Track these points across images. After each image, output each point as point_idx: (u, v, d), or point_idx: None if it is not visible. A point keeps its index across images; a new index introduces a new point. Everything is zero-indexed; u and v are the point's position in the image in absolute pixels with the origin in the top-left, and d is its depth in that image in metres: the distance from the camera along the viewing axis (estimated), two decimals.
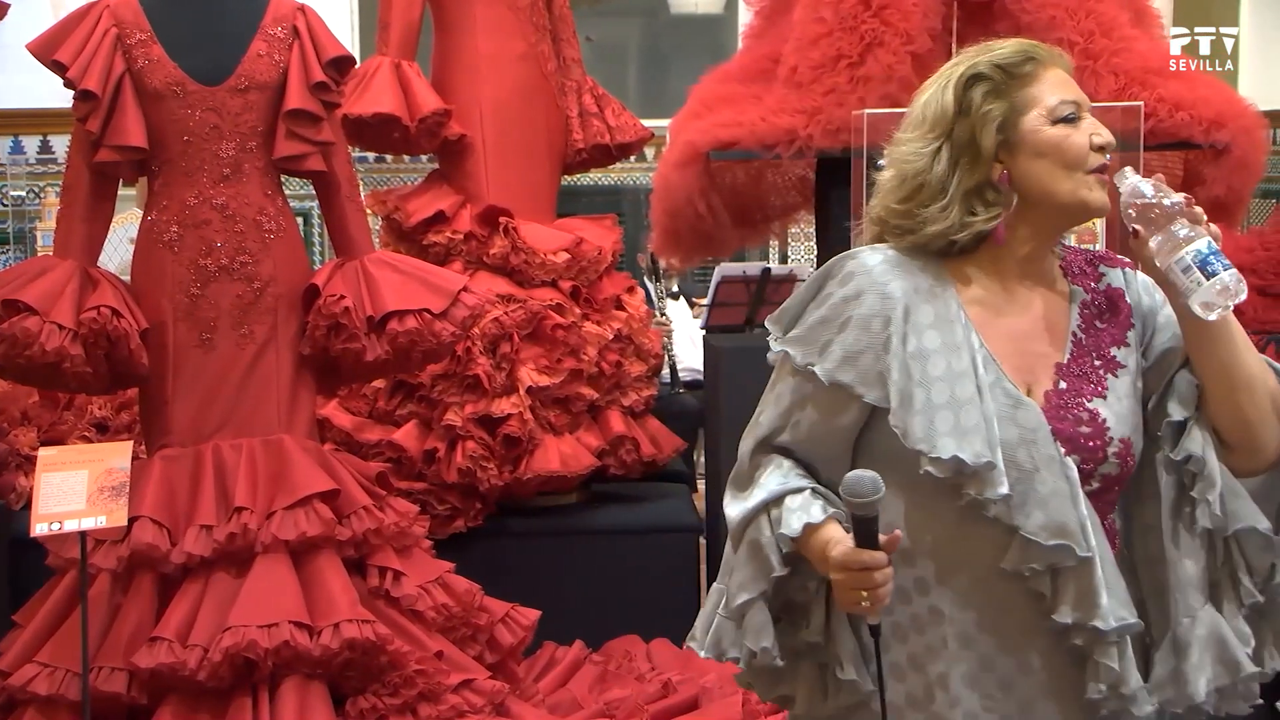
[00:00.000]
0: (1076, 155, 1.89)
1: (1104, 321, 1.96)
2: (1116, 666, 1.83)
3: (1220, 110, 4.01)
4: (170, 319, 3.56)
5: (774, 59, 4.37)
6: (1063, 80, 1.93)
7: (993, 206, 1.89)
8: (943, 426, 1.83)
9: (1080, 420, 1.87)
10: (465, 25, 4.66)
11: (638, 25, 9.61)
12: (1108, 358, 1.93)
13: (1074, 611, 1.83)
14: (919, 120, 1.92)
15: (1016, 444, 1.84)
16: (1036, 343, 1.92)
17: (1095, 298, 1.97)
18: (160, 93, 3.51)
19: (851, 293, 1.90)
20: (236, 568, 3.40)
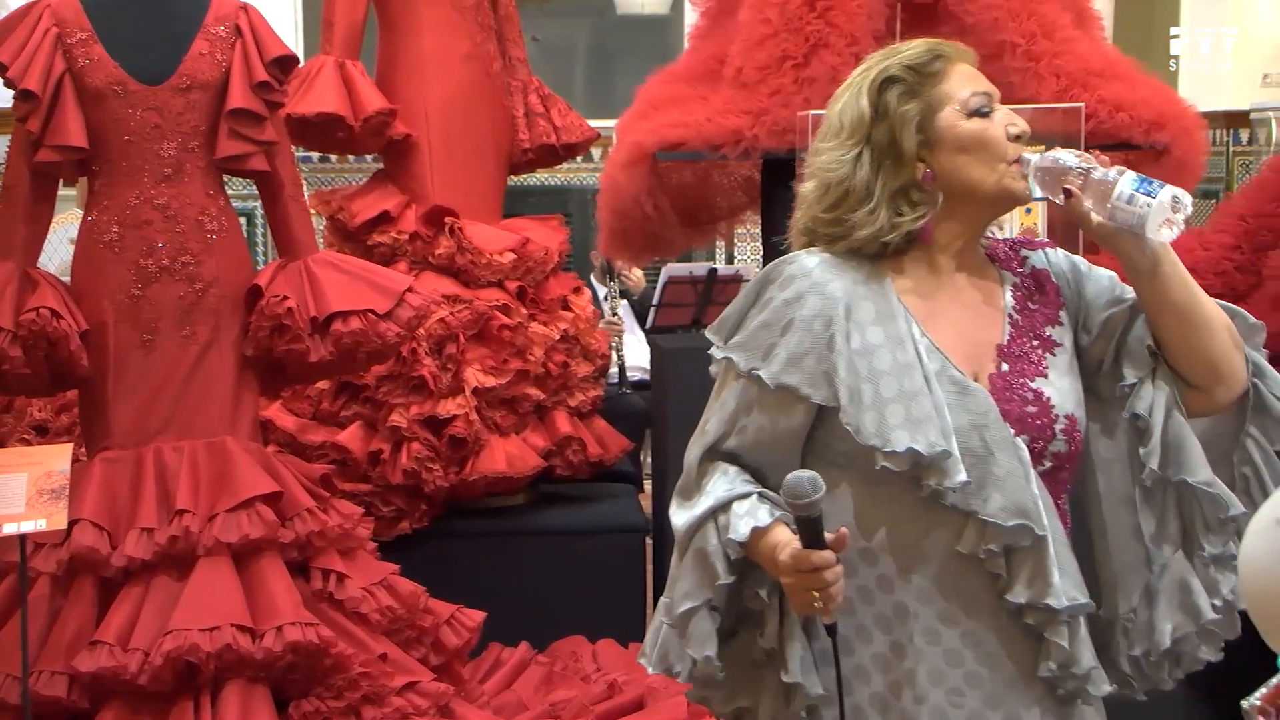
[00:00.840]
0: (996, 146, 1.92)
1: (1035, 302, 1.99)
2: (1067, 645, 1.85)
3: (1160, 111, 4.05)
4: (111, 320, 3.53)
5: (720, 60, 4.38)
6: (971, 74, 1.96)
7: (919, 206, 1.92)
8: (894, 420, 1.84)
9: (1026, 400, 1.90)
10: (410, 25, 4.65)
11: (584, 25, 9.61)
12: (1044, 337, 1.96)
13: (1027, 590, 1.84)
14: (836, 128, 1.95)
15: (969, 430, 1.86)
16: (977, 329, 1.95)
17: (1024, 280, 2.00)
18: (101, 92, 3.48)
19: (792, 295, 1.91)
20: (178, 571, 3.37)
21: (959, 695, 1.89)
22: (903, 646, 1.90)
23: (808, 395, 1.88)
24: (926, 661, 1.89)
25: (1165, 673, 2.02)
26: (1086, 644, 1.88)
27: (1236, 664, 3.86)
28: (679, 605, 1.96)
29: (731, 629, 2.00)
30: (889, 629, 1.91)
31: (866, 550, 1.90)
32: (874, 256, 1.94)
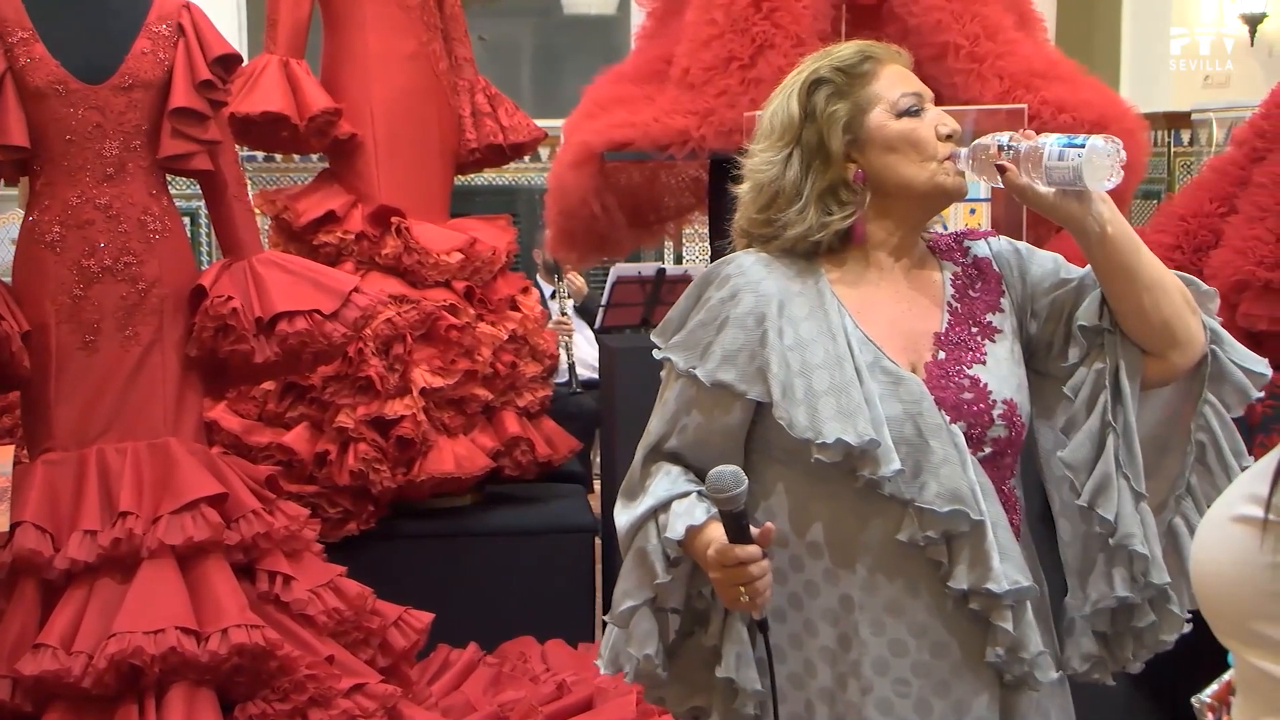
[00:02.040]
0: (925, 145, 1.94)
1: (976, 290, 2.01)
2: (1011, 629, 1.87)
3: (1102, 112, 4.09)
4: (53, 321, 3.50)
5: (666, 60, 4.39)
6: (902, 75, 1.99)
7: (846, 205, 1.95)
8: (826, 412, 1.86)
9: (962, 387, 1.92)
10: (355, 23, 4.63)
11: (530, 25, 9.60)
12: (984, 324, 1.98)
13: (969, 576, 1.86)
14: (768, 131, 1.99)
15: (903, 419, 1.88)
16: (914, 320, 1.97)
17: (965, 269, 2.03)
18: (42, 91, 3.45)
19: (727, 294, 1.95)
20: (122, 573, 3.35)
21: (905, 685, 1.91)
22: (849, 639, 1.92)
23: (743, 392, 1.91)
24: (872, 652, 1.91)
25: (1129, 651, 2.03)
26: (1033, 628, 1.90)
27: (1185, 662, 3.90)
28: (620, 604, 1.99)
29: (689, 629, 2.02)
30: (835, 622, 1.94)
31: (812, 544, 1.93)
32: (809, 254, 1.98)
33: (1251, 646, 1.22)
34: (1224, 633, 1.27)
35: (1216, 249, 3.80)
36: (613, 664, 2.06)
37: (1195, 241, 3.90)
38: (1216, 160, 4.15)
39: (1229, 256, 3.71)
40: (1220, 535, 1.25)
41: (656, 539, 1.95)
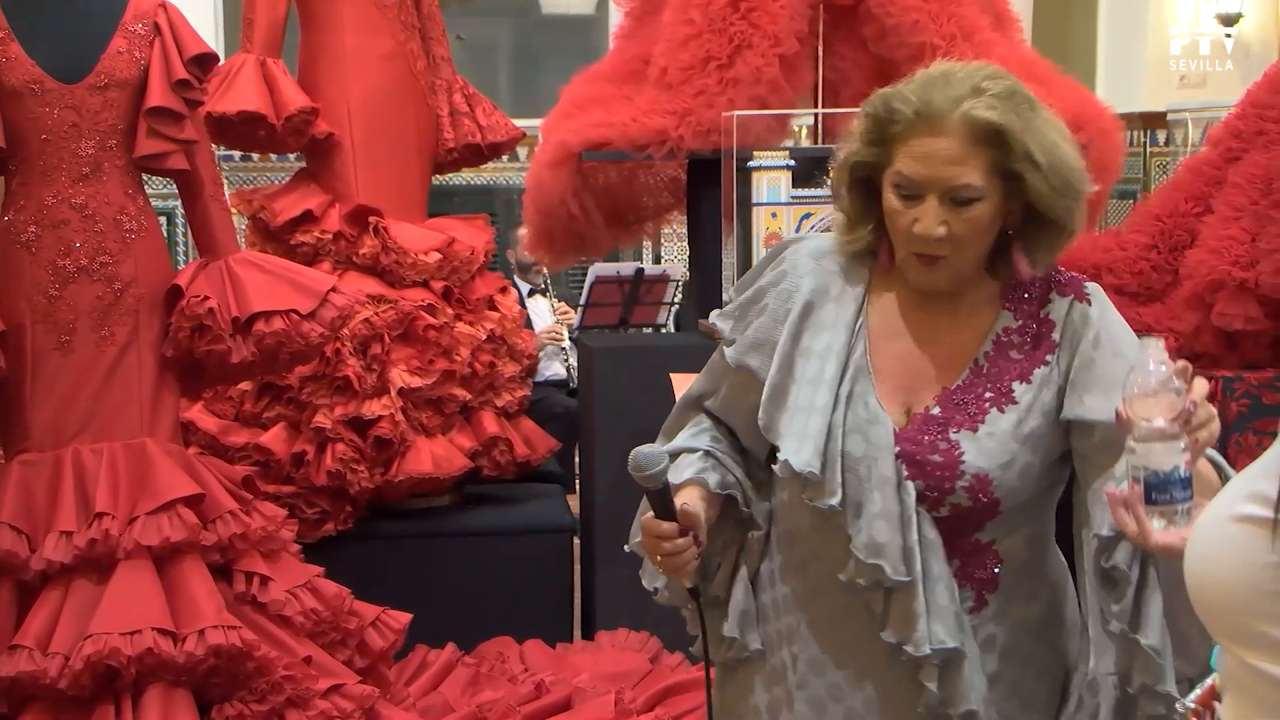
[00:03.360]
0: (901, 233, 1.88)
1: (1021, 352, 1.91)
2: (935, 689, 1.86)
3: (1078, 112, 4.11)
4: (28, 321, 3.48)
5: (644, 60, 4.40)
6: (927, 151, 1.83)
7: (857, 229, 1.94)
8: (794, 428, 1.88)
9: (935, 449, 1.87)
10: (332, 23, 4.61)
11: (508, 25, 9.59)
12: (1002, 390, 1.89)
13: (896, 633, 1.86)
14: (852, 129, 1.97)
15: (860, 459, 1.87)
16: (929, 366, 1.91)
17: (1026, 325, 1.92)
18: (18, 91, 3.43)
19: (774, 280, 1.98)
20: (98, 574, 3.33)
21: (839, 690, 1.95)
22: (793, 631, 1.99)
23: (763, 379, 1.95)
24: (808, 652, 1.97)
25: None
26: (966, 685, 1.86)
27: None
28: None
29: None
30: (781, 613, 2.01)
31: (791, 533, 1.98)
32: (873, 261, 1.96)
33: (1249, 647, 1.22)
34: (1220, 632, 1.27)
35: (1192, 248, 3.82)
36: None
37: (1171, 241, 3.92)
38: (1192, 160, 4.17)
39: (1204, 256, 3.72)
40: (1219, 534, 1.25)
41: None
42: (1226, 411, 3.66)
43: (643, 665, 4.15)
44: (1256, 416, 3.67)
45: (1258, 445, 3.66)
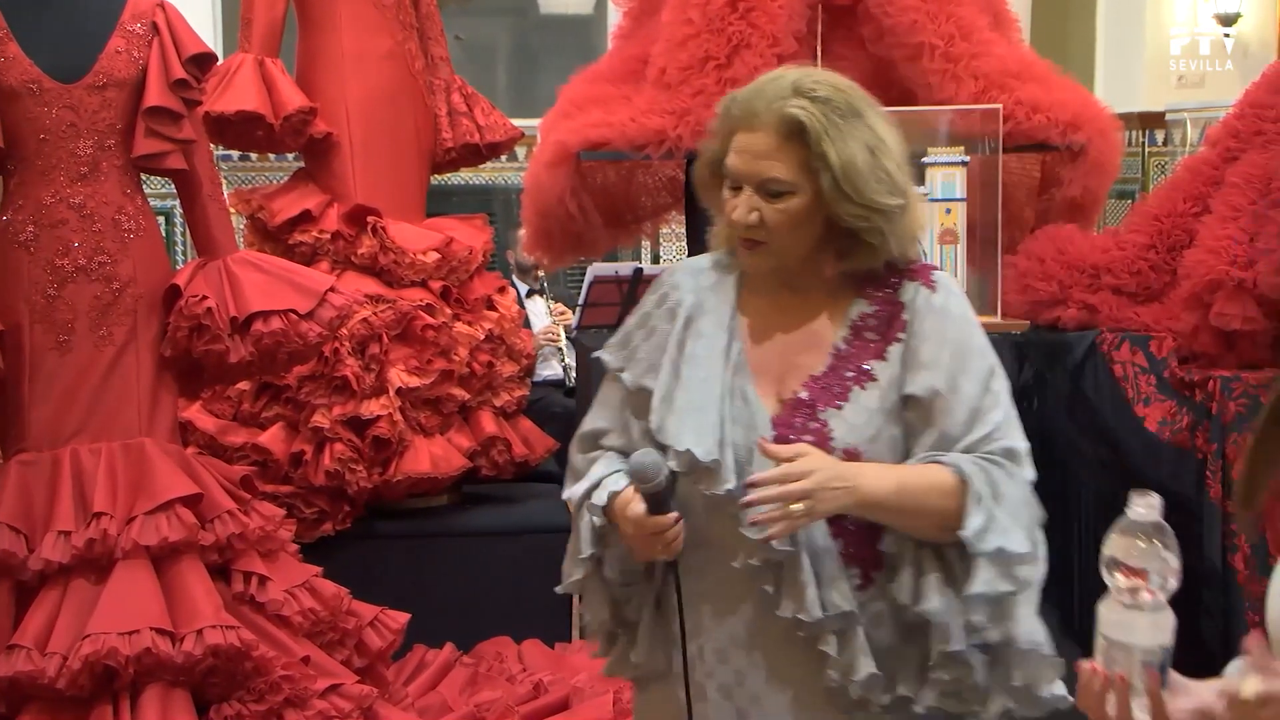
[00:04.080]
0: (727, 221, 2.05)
1: (876, 334, 2.05)
2: (835, 653, 1.97)
3: (1076, 112, 4.11)
4: (27, 321, 3.48)
5: (643, 60, 4.40)
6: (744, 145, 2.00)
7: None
8: (689, 425, 1.99)
9: (806, 429, 1.99)
10: (330, 22, 4.61)
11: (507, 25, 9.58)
12: (861, 370, 2.02)
13: (789, 604, 1.97)
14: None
15: (744, 445, 2.00)
16: (799, 354, 2.06)
17: (880, 309, 2.06)
18: (16, 91, 3.43)
19: (657, 302, 2.11)
20: (96, 574, 3.33)
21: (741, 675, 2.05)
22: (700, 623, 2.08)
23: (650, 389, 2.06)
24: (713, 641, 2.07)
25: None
26: (863, 651, 1.97)
27: None
28: (569, 575, 2.17)
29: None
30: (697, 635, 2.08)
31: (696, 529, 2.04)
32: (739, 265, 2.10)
33: None
34: None
35: (1190, 248, 3.82)
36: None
37: (1169, 241, 3.92)
38: (1190, 160, 4.17)
39: (1202, 256, 3.72)
40: None
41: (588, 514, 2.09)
42: (1225, 411, 3.66)
43: None
44: (1254, 416, 3.67)
45: None
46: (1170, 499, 3.85)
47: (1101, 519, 3.89)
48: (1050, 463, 3.90)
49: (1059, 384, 3.84)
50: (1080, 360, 3.84)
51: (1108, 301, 3.91)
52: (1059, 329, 3.96)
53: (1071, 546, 3.91)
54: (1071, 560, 3.92)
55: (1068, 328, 3.94)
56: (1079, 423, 3.84)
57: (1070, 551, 3.92)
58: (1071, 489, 3.90)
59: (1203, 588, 3.70)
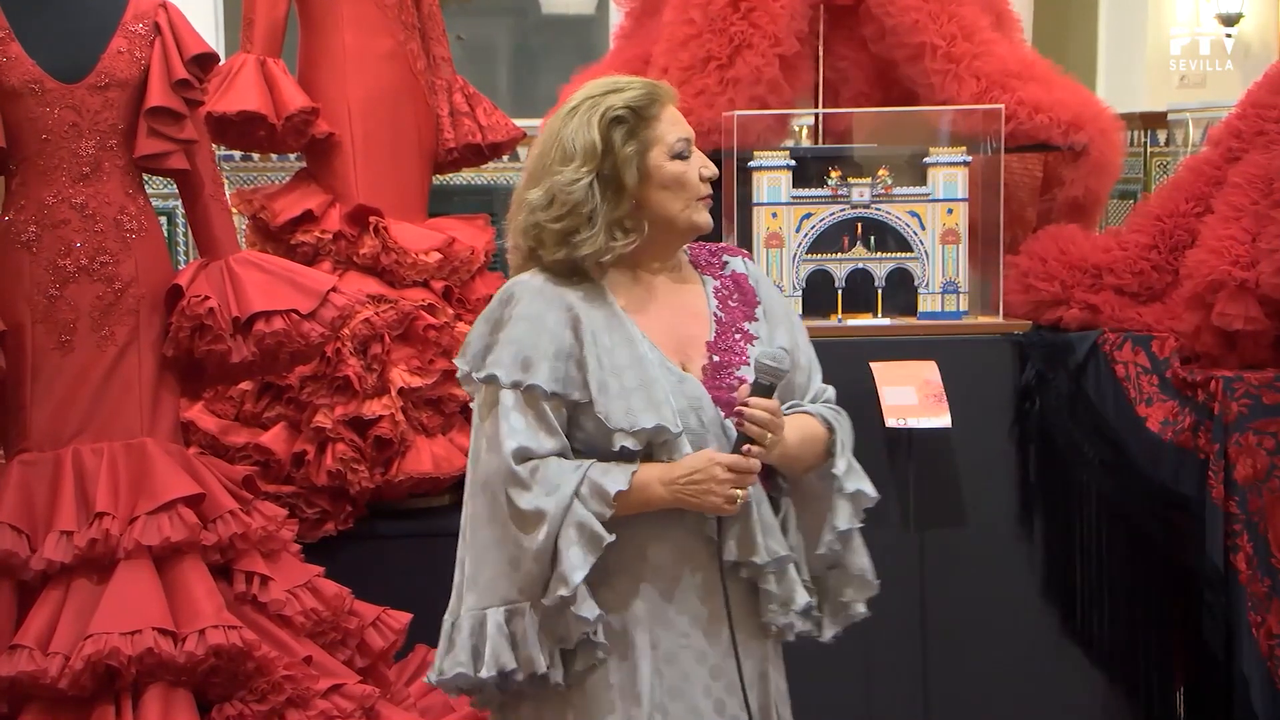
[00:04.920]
0: (691, 187, 2.26)
1: (735, 301, 2.34)
2: (776, 590, 2.26)
3: (1078, 112, 4.11)
4: (28, 321, 3.48)
5: (644, 60, 4.39)
6: (677, 117, 2.30)
7: (630, 233, 2.25)
8: (638, 405, 2.18)
9: (733, 387, 2.25)
10: (331, 22, 4.61)
11: (508, 25, 9.58)
12: (744, 331, 2.31)
13: (737, 550, 2.23)
14: (570, 152, 2.24)
15: (687, 412, 2.21)
16: (685, 328, 2.29)
17: (724, 283, 2.35)
18: (18, 90, 3.43)
19: (533, 311, 2.23)
20: (98, 574, 3.33)
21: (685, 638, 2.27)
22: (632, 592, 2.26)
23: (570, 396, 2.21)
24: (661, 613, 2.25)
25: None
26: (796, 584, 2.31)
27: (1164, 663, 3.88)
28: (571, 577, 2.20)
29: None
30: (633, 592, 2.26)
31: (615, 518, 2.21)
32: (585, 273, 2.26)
33: None
34: None
35: (1192, 249, 3.82)
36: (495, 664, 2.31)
37: (1171, 241, 3.92)
38: (1192, 160, 4.17)
39: (1204, 256, 3.73)
40: None
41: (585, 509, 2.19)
42: (1227, 412, 3.67)
43: None
44: (1257, 416, 3.67)
45: (1258, 445, 3.66)
46: (1172, 499, 3.88)
47: (1103, 520, 3.89)
48: (1051, 463, 3.91)
49: (1060, 384, 3.84)
50: (1082, 360, 3.84)
51: (1110, 301, 3.91)
52: (1061, 329, 3.96)
53: (1073, 547, 3.91)
54: (1073, 560, 3.91)
55: (1070, 328, 3.94)
56: (1080, 423, 3.84)
57: (1071, 552, 3.92)
58: (1072, 489, 3.89)
59: (1204, 588, 3.71)
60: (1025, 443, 3.92)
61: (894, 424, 3.73)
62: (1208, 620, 3.71)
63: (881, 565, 3.87)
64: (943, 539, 3.91)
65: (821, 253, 4.03)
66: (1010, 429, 3.93)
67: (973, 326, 4.04)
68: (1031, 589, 3.95)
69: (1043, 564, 3.95)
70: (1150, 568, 3.91)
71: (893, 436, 3.80)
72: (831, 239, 4.03)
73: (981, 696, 3.92)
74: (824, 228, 4.02)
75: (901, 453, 3.85)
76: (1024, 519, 3.95)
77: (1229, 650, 3.68)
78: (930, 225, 4.02)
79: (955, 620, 3.90)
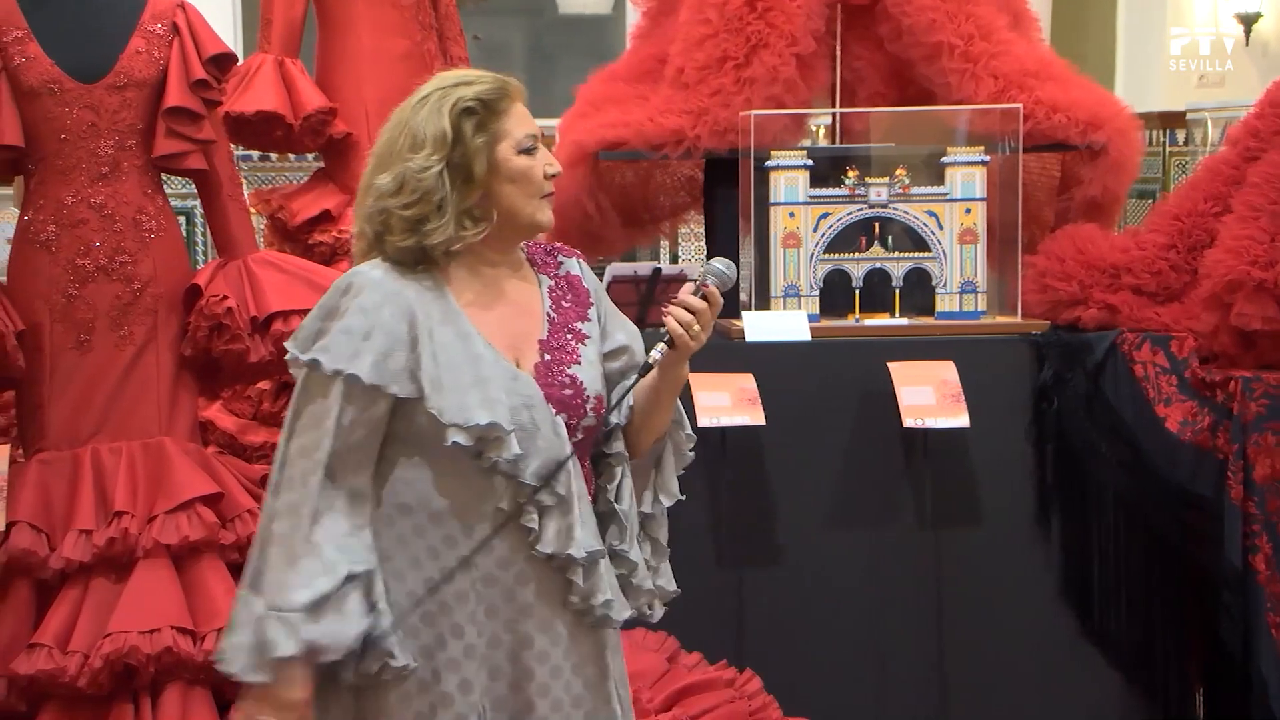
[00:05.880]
0: (536, 183, 2.29)
1: (568, 301, 2.38)
2: (583, 583, 2.27)
3: (1095, 112, 4.10)
4: (47, 320, 3.50)
5: (661, 59, 4.39)
6: (524, 114, 2.33)
7: (479, 223, 2.26)
8: (474, 401, 2.20)
9: (564, 385, 2.29)
10: (348, 23, 4.62)
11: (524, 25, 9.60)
12: (576, 331, 2.35)
13: (554, 543, 2.25)
14: (420, 140, 2.25)
15: (520, 409, 2.24)
16: (518, 324, 2.31)
17: (559, 282, 2.39)
18: (36, 90, 3.45)
19: (370, 303, 2.21)
20: (116, 573, 3.35)
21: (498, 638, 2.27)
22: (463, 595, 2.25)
23: (395, 391, 2.20)
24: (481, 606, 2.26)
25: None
26: (605, 579, 2.30)
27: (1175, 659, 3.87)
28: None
29: None
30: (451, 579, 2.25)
31: (437, 513, 2.25)
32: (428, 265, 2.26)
33: None
34: None
35: (1211, 248, 3.81)
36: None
37: (1190, 241, 3.91)
38: (1211, 160, 4.16)
39: (1223, 256, 3.72)
40: None
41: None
42: (1246, 411, 3.65)
43: (660, 664, 4.15)
44: (1275, 416, 3.66)
45: (1276, 445, 3.65)
46: (1191, 500, 3.87)
47: (1121, 520, 3.88)
48: (1069, 463, 3.90)
49: (1079, 384, 3.84)
50: (1100, 360, 3.83)
51: (1128, 301, 3.90)
52: (1079, 329, 3.95)
53: (1090, 547, 3.90)
54: (1091, 560, 3.91)
55: (1088, 328, 3.93)
56: (1099, 423, 3.83)
57: (1089, 552, 3.91)
58: (1091, 489, 3.89)
59: (1223, 588, 3.69)
60: (1043, 443, 3.91)
61: (911, 424, 3.72)
62: (1226, 621, 3.70)
63: (898, 564, 3.93)
64: (960, 539, 3.90)
65: (839, 252, 4.03)
66: (1028, 429, 3.92)
67: (990, 326, 4.03)
68: (1048, 589, 3.94)
69: (1060, 564, 3.94)
70: (1168, 568, 3.90)
71: (910, 436, 3.79)
72: (849, 239, 4.03)
73: (998, 697, 3.92)
74: (841, 227, 4.02)
75: (919, 453, 3.85)
76: (1041, 519, 3.94)
77: (1247, 651, 3.66)
78: (948, 225, 4.01)
79: (972, 620, 3.90)
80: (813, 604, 3.89)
